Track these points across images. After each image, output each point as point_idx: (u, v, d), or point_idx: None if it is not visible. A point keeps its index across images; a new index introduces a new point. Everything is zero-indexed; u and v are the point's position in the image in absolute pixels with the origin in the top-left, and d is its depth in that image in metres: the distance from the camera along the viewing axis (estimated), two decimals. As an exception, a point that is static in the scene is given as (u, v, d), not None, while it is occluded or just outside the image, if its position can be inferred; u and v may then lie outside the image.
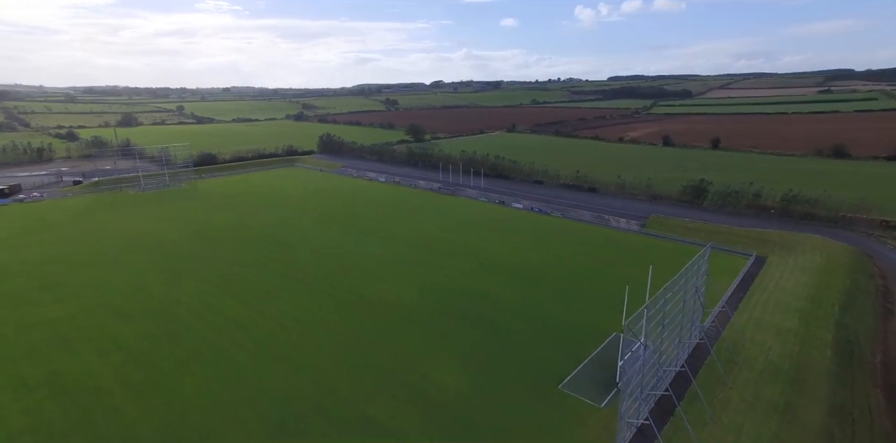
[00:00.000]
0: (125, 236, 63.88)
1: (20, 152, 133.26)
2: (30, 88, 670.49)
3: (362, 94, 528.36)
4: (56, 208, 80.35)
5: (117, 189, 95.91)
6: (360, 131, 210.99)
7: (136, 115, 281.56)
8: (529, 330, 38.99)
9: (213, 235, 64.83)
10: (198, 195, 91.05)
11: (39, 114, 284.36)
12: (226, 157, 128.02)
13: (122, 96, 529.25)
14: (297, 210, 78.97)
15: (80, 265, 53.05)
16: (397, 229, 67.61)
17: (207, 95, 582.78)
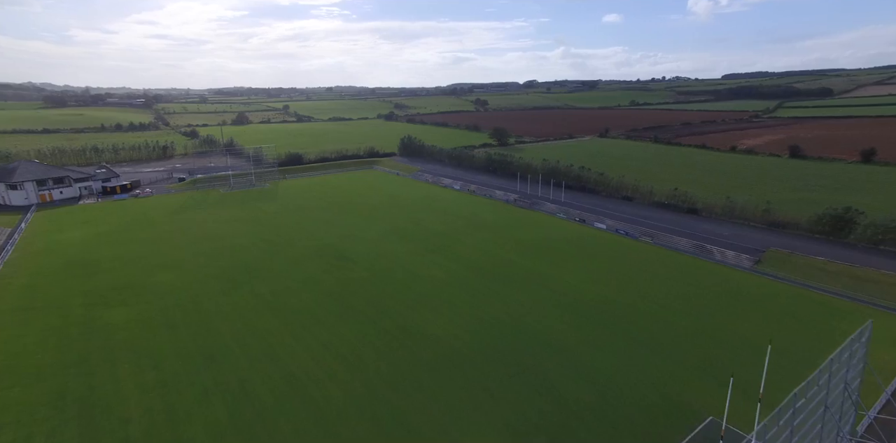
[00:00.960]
0: (203, 237, 66.41)
1: (150, 150, 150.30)
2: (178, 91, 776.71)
3: (454, 93, 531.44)
4: (158, 205, 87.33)
5: (210, 187, 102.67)
6: (445, 133, 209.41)
7: (248, 114, 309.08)
8: (598, 399, 31.59)
9: (280, 242, 64.92)
10: (277, 197, 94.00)
11: (177, 114, 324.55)
12: (311, 157, 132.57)
13: (243, 96, 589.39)
14: (367, 218, 77.32)
15: (156, 267, 55.28)
16: (463, 248, 62.48)
17: (312, 95, 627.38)
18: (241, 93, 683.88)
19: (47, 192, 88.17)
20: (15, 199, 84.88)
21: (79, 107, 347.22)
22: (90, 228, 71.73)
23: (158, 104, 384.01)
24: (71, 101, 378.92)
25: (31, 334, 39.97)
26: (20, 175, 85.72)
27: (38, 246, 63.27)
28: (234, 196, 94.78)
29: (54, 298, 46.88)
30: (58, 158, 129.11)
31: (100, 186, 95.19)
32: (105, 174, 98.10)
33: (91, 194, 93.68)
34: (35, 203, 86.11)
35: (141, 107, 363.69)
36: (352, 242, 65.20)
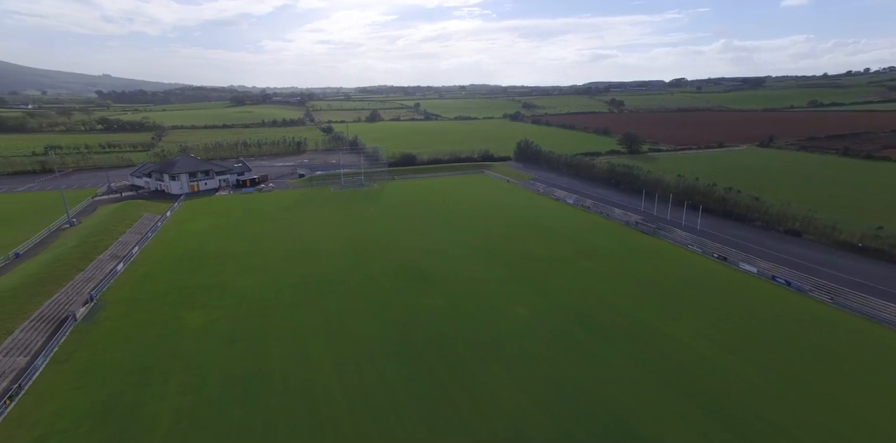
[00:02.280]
0: (296, 240, 67.33)
1: (287, 145, 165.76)
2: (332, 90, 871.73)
3: (587, 92, 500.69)
4: (273, 200, 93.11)
5: (323, 185, 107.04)
6: (569, 136, 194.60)
7: (381, 111, 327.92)
8: None
9: (364, 252, 62.56)
10: (379, 199, 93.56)
11: (322, 111, 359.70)
12: (424, 158, 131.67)
13: (383, 95, 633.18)
14: (461, 231, 71.64)
15: (245, 269, 56.60)
16: (561, 281, 52.94)
17: (445, 93, 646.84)
18: (382, 91, 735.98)
19: (196, 183, 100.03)
20: (173, 188, 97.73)
21: (252, 105, 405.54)
22: (213, 219, 78.31)
23: (310, 102, 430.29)
24: (247, 100, 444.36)
25: (124, 329, 42.25)
26: (178, 168, 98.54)
27: (170, 235, 70.33)
28: (341, 196, 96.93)
29: (155, 292, 49.96)
30: (216, 152, 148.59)
31: (234, 179, 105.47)
32: (240, 168, 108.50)
33: (227, 186, 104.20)
34: (186, 193, 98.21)
35: (296, 104, 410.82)
36: (437, 258, 59.94)
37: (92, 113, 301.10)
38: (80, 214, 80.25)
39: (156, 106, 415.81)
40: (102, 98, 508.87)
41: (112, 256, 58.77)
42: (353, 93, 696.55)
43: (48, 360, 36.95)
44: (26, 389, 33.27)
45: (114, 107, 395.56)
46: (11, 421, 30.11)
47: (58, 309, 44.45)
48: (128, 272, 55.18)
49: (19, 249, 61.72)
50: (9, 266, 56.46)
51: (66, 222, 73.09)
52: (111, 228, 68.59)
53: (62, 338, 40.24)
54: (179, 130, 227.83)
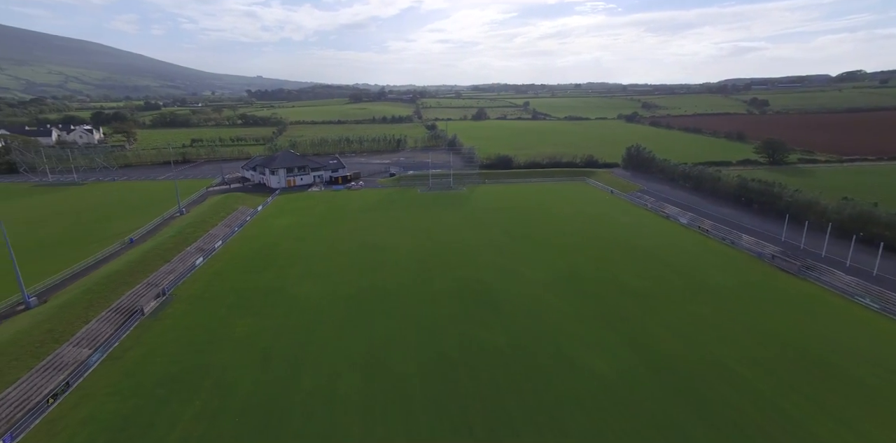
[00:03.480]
0: (369, 246, 64.66)
1: (387, 142, 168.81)
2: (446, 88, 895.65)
3: (722, 91, 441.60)
4: (359, 199, 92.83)
5: (411, 185, 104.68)
6: (693, 141, 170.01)
7: (488, 110, 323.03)
8: None
9: (432, 266, 57.42)
10: (463, 205, 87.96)
11: (431, 108, 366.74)
12: (520, 161, 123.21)
13: (494, 93, 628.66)
14: (546, 249, 63.15)
15: (308, 274, 55.04)
16: (661, 330, 42.34)
17: (558, 92, 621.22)
18: (494, 89, 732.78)
19: (292, 178, 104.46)
20: (272, 182, 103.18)
21: (367, 102, 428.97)
22: (296, 217, 79.73)
23: (421, 99, 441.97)
24: (365, 97, 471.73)
25: (177, 331, 42.44)
26: (277, 163, 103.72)
27: (253, 230, 72.70)
28: (426, 198, 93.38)
29: (219, 292, 50.32)
30: (321, 147, 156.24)
31: (328, 175, 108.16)
32: (334, 165, 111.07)
33: (320, 183, 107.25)
34: (283, 187, 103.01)
35: (408, 102, 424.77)
36: (511, 280, 52.57)
37: (237, 109, 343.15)
38: (193, 203, 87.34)
39: (288, 102, 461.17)
40: (250, 96, 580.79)
41: (197, 249, 61.53)
42: (465, 91, 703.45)
43: (104, 356, 37.77)
44: (73, 387, 33.79)
45: (256, 104, 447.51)
46: (44, 425, 30.26)
47: (133, 301, 46.40)
48: (205, 267, 56.95)
49: (134, 234, 67.80)
50: (122, 251, 61.70)
51: (177, 211, 79.62)
52: (206, 221, 72.81)
53: (125, 333, 41.37)
54: (299, 125, 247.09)
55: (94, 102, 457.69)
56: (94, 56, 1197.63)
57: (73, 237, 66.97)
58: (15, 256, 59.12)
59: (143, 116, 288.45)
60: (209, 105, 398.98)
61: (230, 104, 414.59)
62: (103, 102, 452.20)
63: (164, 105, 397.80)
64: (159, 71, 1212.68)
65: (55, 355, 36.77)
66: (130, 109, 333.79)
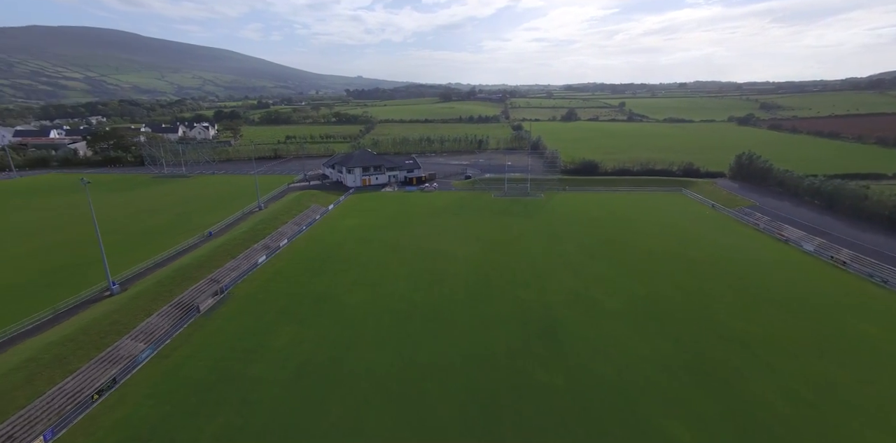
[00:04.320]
0: (428, 253, 61.30)
1: (468, 142, 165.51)
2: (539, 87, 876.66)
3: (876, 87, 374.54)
4: (429, 202, 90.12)
5: (486, 190, 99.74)
6: (828, 148, 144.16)
7: (579, 110, 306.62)
8: None
9: (493, 283, 52.34)
10: (540, 213, 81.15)
11: (520, 108, 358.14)
12: (607, 167, 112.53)
13: (588, 92, 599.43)
14: (626, 272, 55.06)
15: (361, 282, 52.93)
16: (777, 399, 33.47)
17: (659, 91, 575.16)
18: (588, 89, 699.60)
19: (367, 177, 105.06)
20: (348, 181, 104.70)
21: (456, 101, 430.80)
22: (364, 218, 78.98)
23: (510, 99, 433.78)
24: (454, 96, 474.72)
25: (224, 333, 42.31)
26: (354, 162, 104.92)
27: (320, 230, 73.04)
28: (499, 204, 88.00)
29: (273, 294, 50.00)
30: (402, 146, 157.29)
31: (403, 176, 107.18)
32: (410, 165, 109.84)
33: (395, 183, 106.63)
34: (357, 186, 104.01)
35: (497, 101, 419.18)
36: (582, 309, 45.88)
37: (333, 108, 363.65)
38: (273, 199, 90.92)
39: (380, 101, 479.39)
40: (348, 95, 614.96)
41: (264, 246, 62.65)
42: (557, 90, 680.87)
43: (153, 354, 38.37)
44: (118, 385, 34.32)
45: (352, 102, 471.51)
46: (85, 422, 30.70)
47: (193, 297, 47.52)
48: (266, 266, 57.49)
49: (214, 227, 71.43)
50: (199, 244, 65.03)
51: (256, 206, 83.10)
52: (278, 218, 74.64)
53: (177, 331, 42.06)
54: (388, 124, 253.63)
55: (220, 102, 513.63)
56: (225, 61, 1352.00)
57: (168, 227, 72.06)
58: (122, 243, 64.05)
59: (253, 113, 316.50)
60: (311, 104, 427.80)
61: (328, 103, 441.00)
62: (226, 102, 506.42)
63: (273, 104, 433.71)
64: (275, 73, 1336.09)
65: (114, 348, 38.02)
66: (244, 108, 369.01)
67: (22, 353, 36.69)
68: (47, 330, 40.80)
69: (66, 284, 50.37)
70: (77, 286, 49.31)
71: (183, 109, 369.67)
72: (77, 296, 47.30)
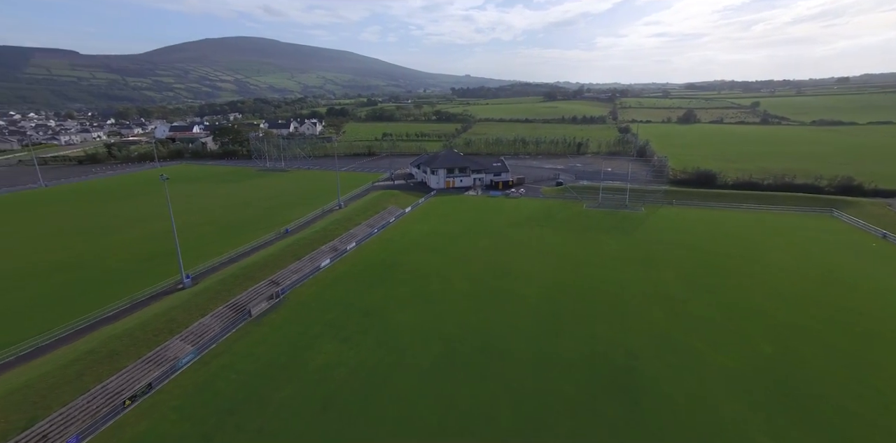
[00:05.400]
0: (497, 272, 54.95)
1: (566, 145, 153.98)
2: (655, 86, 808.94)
3: None
4: (512, 209, 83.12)
5: (578, 199, 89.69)
6: None
7: (699, 111, 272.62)
8: None
9: (565, 313, 44.52)
10: (637, 230, 69.86)
11: (630, 108, 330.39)
12: (729, 179, 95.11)
13: (713, 91, 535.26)
14: (743, 319, 43.63)
15: (415, 299, 48.50)
16: None
17: (807, 88, 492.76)
18: (714, 87, 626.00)
19: (452, 179, 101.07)
20: (432, 182, 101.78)
21: (561, 101, 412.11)
22: (439, 224, 74.79)
23: (620, 99, 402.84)
24: (559, 95, 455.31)
25: (266, 344, 40.71)
26: (439, 162, 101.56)
27: (392, 234, 70.38)
28: (590, 217, 78.00)
29: (326, 303, 47.73)
30: (495, 147, 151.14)
31: (489, 179, 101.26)
32: (497, 168, 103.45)
33: (479, 186, 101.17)
34: (441, 188, 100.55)
35: (605, 101, 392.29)
36: (673, 363, 36.52)
37: (435, 106, 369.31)
38: (355, 197, 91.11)
39: (483, 100, 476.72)
40: (453, 94, 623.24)
41: (331, 248, 61.46)
42: (676, 89, 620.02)
43: (195, 359, 37.78)
44: (153, 391, 33.86)
45: (455, 101, 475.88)
46: (111, 430, 30.26)
47: (249, 299, 47.10)
48: (327, 271, 55.86)
49: (292, 224, 72.64)
50: (274, 240, 65.94)
51: (336, 205, 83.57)
52: (353, 218, 73.63)
53: (225, 335, 41.40)
54: (486, 123, 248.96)
55: (336, 100, 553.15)
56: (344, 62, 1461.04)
57: (254, 221, 74.90)
58: (210, 235, 67.19)
59: (360, 110, 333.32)
60: (416, 101, 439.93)
61: (432, 101, 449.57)
62: (341, 100, 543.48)
63: (381, 101, 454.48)
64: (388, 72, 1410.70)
65: (162, 348, 38.19)
66: (354, 105, 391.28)
67: (89, 342, 38.26)
68: (118, 320, 42.55)
69: (154, 272, 53.13)
70: (162, 275, 51.67)
71: (303, 106, 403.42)
72: (154, 286, 49.49)
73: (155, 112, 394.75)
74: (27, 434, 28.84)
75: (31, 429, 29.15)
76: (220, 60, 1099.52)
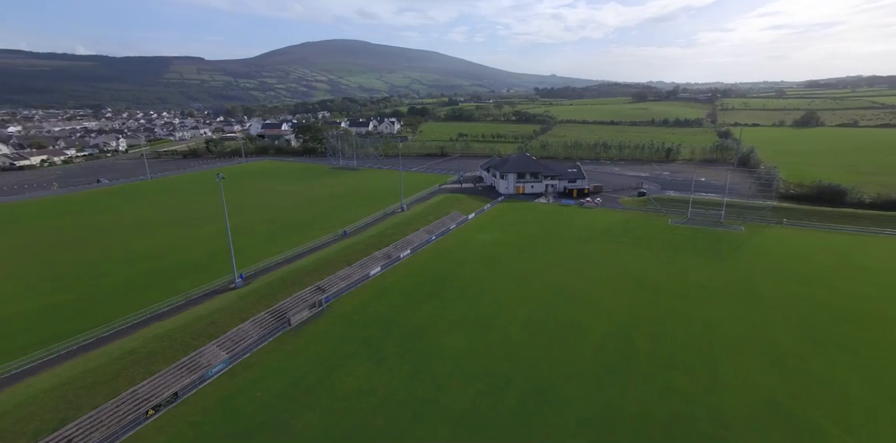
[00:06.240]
0: (563, 297, 48.42)
1: (654, 150, 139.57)
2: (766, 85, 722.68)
3: None
4: (584, 222, 75.01)
5: (661, 212, 78.93)
6: None
7: (823, 113, 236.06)
8: None
9: (635, 356, 37.21)
10: (737, 255, 58.83)
11: (734, 110, 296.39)
12: (864, 195, 78.39)
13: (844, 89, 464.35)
14: (886, 387, 33.45)
15: (464, 323, 43.71)
16: None
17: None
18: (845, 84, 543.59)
19: (522, 184, 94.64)
20: (501, 187, 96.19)
21: (652, 102, 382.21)
22: (503, 233, 69.20)
23: (721, 99, 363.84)
24: (650, 96, 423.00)
25: (299, 357, 38.41)
26: (509, 166, 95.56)
27: (451, 242, 66.14)
28: (677, 234, 67.78)
29: (368, 317, 44.73)
30: (574, 150, 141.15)
31: (562, 186, 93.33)
32: (573, 174, 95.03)
33: (551, 193, 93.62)
34: (510, 193, 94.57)
35: (703, 102, 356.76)
36: (780, 437, 28.18)
37: (515, 106, 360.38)
38: (420, 200, 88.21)
39: (567, 100, 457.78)
40: (536, 94, 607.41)
41: (384, 255, 58.68)
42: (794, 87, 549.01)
43: (225, 369, 36.35)
44: (177, 402, 32.64)
45: (538, 101, 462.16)
46: (129, 442, 29.22)
47: (292, 305, 45.47)
48: (377, 280, 52.99)
49: (351, 226, 71.26)
50: (330, 243, 64.40)
51: (399, 207, 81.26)
52: (412, 223, 70.52)
53: (261, 344, 39.79)
54: (567, 125, 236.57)
55: (419, 99, 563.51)
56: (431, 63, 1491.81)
57: (316, 220, 74.90)
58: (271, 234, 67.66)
59: (441, 110, 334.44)
60: (497, 102, 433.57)
61: (513, 101, 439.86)
62: (424, 99, 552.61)
63: (462, 101, 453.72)
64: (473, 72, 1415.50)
65: (198, 353, 37.33)
66: (435, 105, 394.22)
67: (135, 340, 38.44)
68: (168, 318, 42.70)
69: (215, 269, 53.75)
70: (221, 272, 51.94)
71: (387, 105, 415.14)
72: (210, 284, 49.78)
73: (256, 110, 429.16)
74: (55, 437, 28.61)
75: (58, 431, 28.94)
76: (317, 62, 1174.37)
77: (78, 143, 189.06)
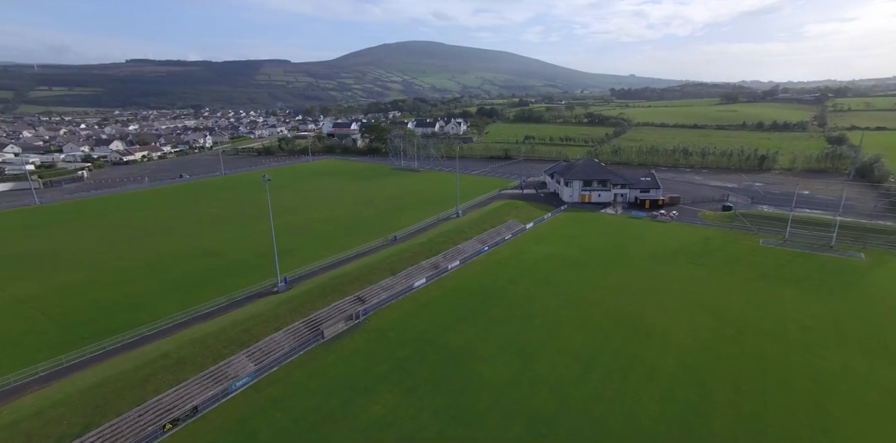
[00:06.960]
0: (622, 322, 42.12)
1: (743, 158, 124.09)
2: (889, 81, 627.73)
3: None
4: (657, 238, 66.64)
5: (751, 231, 68.17)
6: None
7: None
8: None
9: (710, 407, 30.49)
10: (853, 289, 48.35)
11: (851, 112, 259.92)
12: None
13: None
14: None
15: (509, 348, 38.99)
16: None
17: None
18: None
19: (588, 193, 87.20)
20: (564, 194, 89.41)
21: (744, 103, 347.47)
22: (562, 247, 63.17)
23: (833, 100, 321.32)
24: (742, 96, 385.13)
25: (327, 375, 35.99)
26: (574, 173, 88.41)
27: (504, 254, 61.36)
28: (771, 258, 57.71)
29: (407, 333, 41.56)
30: (649, 156, 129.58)
31: (633, 196, 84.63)
32: (646, 183, 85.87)
33: (621, 203, 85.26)
34: (574, 202, 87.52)
35: (809, 103, 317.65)
36: None
37: (588, 107, 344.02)
38: (477, 205, 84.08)
39: (645, 102, 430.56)
40: (612, 95, 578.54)
41: (432, 265, 55.37)
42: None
43: (248, 384, 34.72)
44: (196, 417, 31.28)
45: (613, 102, 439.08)
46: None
47: (328, 316, 43.45)
48: (419, 293, 49.67)
49: (402, 231, 68.82)
50: (379, 248, 61.92)
51: (454, 213, 77.77)
52: (465, 231, 66.62)
53: (291, 358, 37.92)
54: (644, 128, 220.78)
55: (490, 99, 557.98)
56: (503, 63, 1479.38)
57: (368, 223, 73.53)
58: (323, 236, 66.95)
59: (510, 111, 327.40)
60: (569, 103, 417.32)
61: (586, 102, 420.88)
62: (494, 99, 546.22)
63: (533, 102, 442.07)
64: (546, 73, 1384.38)
65: (226, 363, 36.15)
66: (505, 106, 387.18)
67: (169, 344, 37.99)
68: (207, 320, 42.25)
69: (262, 269, 53.26)
70: (267, 274, 51.09)
71: (457, 105, 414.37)
72: (255, 286, 49.32)
73: (332, 110, 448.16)
74: (75, 443, 28.24)
75: (80, 438, 28.52)
76: (392, 63, 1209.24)
77: (174, 139, 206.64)
